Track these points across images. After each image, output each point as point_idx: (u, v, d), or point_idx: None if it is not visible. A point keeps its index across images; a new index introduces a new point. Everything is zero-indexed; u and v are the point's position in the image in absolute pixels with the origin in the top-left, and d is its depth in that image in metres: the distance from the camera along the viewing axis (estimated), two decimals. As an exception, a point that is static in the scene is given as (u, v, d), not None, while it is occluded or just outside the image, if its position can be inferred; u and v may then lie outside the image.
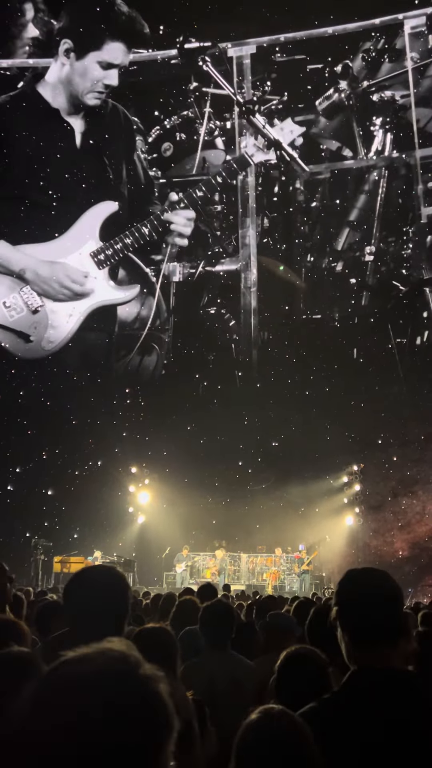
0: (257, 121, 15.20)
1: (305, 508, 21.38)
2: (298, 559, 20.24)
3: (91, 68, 14.94)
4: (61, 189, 15.59)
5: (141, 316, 17.14)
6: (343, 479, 21.36)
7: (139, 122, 17.78)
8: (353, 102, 17.23)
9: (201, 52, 14.45)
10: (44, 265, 15.21)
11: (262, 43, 17.04)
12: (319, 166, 17.89)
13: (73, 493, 18.87)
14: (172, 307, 17.88)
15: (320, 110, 17.46)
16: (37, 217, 15.52)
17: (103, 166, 15.80)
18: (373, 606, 1.79)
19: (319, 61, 17.28)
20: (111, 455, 19.15)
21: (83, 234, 15.35)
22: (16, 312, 15.33)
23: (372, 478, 20.44)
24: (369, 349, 18.16)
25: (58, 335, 15.50)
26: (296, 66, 17.25)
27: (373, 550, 20.26)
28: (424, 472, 19.52)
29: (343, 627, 1.82)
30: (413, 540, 19.82)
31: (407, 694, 1.73)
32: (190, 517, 20.89)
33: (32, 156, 15.35)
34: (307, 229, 18.17)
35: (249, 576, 20.86)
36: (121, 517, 21.36)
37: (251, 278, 17.31)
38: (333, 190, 18.00)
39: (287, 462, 19.44)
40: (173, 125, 17.72)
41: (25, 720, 0.91)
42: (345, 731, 1.68)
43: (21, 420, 17.55)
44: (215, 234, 17.82)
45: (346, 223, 17.99)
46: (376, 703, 1.70)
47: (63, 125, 15.43)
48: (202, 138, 17.27)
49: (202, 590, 5.97)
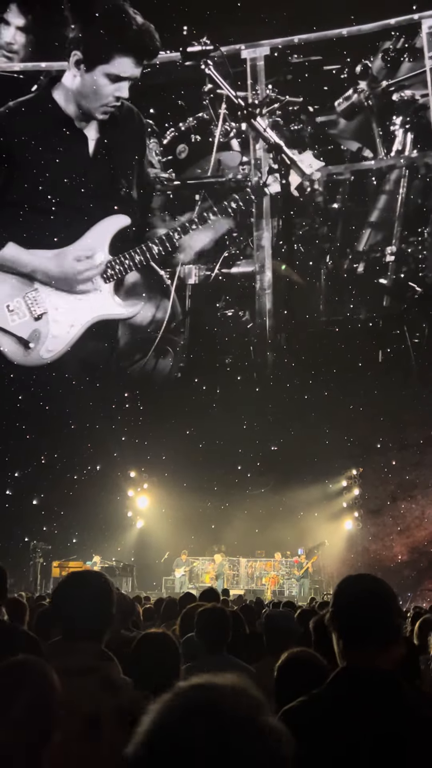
0: (258, 124, 15.24)
1: (304, 513, 21.37)
2: (297, 564, 20.22)
3: (100, 82, 15.00)
4: (72, 197, 15.61)
5: (156, 319, 17.17)
6: (342, 483, 21.35)
7: (154, 124, 17.79)
8: (373, 102, 17.15)
9: (203, 56, 14.50)
10: (51, 262, 15.29)
11: (276, 45, 16.97)
12: (338, 167, 17.87)
13: (71, 498, 18.85)
14: (188, 310, 17.91)
15: (339, 111, 17.38)
16: (46, 223, 15.58)
17: (114, 174, 15.82)
18: (363, 609, 1.85)
19: (336, 62, 17.19)
20: (110, 459, 19.14)
21: (93, 246, 15.41)
22: (18, 317, 15.37)
23: (371, 483, 20.43)
24: (368, 353, 18.15)
25: (57, 345, 15.53)
26: (312, 67, 17.19)
27: (372, 554, 20.23)
28: (423, 476, 19.51)
29: (335, 628, 1.89)
30: (412, 544, 19.80)
31: (387, 693, 1.77)
32: (189, 522, 20.87)
33: (45, 163, 15.39)
34: (326, 231, 18.13)
35: (248, 581, 20.84)
36: (120, 522, 21.34)
37: (266, 280, 17.30)
38: (353, 191, 17.94)
39: (286, 466, 19.43)
40: (188, 127, 17.65)
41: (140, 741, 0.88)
42: (327, 726, 1.74)
43: (20, 424, 17.54)
44: (231, 236, 17.85)
45: (366, 224, 17.93)
46: (356, 700, 1.75)
47: (76, 133, 15.45)
48: (218, 140, 17.25)
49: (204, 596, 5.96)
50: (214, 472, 19.42)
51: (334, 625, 1.89)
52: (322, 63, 17.21)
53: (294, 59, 17.18)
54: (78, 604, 2.20)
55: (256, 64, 16.95)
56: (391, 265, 17.50)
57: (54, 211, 15.61)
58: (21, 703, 1.61)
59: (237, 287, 17.93)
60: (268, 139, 15.14)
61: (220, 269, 17.71)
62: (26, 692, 1.65)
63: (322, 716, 1.76)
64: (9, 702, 1.61)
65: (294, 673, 2.48)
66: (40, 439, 17.85)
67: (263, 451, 19.80)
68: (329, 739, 1.71)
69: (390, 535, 20.22)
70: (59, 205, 15.68)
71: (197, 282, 17.75)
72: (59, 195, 15.73)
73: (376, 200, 17.82)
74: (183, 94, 17.32)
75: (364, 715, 1.72)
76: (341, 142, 17.89)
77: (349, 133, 17.78)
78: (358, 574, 2.02)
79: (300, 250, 18.11)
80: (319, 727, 1.73)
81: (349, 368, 18.12)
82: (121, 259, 15.26)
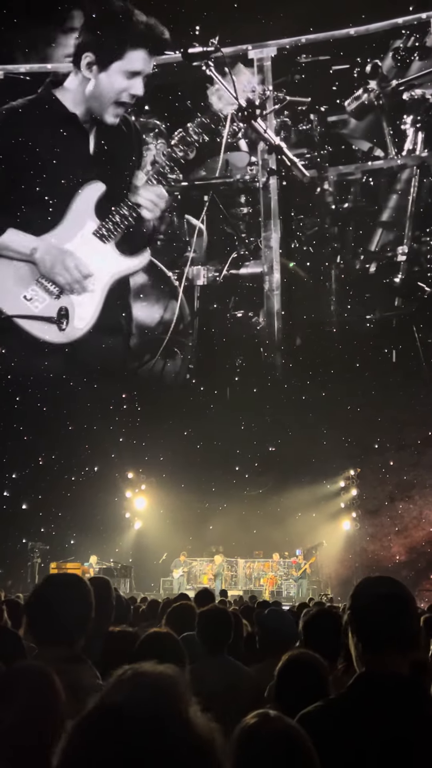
0: (258, 125, 15.25)
1: (302, 513, 21.36)
2: (295, 564, 20.21)
3: (115, 79, 15.06)
4: (72, 192, 15.69)
5: (164, 320, 17.16)
6: (340, 484, 21.35)
7: (161, 125, 17.78)
8: (383, 102, 17.08)
9: (204, 57, 14.52)
10: (54, 248, 15.41)
11: (283, 45, 16.91)
12: (349, 167, 17.84)
13: (69, 499, 18.83)
14: (197, 311, 17.88)
15: (349, 111, 17.34)
16: (49, 219, 15.62)
17: (114, 171, 15.88)
18: (384, 613, 1.81)
19: (345, 62, 17.14)
20: (108, 461, 19.12)
21: (80, 216, 15.55)
22: (39, 302, 15.53)
23: (369, 483, 20.44)
24: (365, 354, 18.16)
25: (86, 314, 15.72)
26: (320, 67, 17.12)
27: (370, 554, 20.24)
28: (421, 477, 19.52)
29: (354, 632, 1.84)
30: (410, 544, 19.81)
31: (408, 700, 1.74)
32: (186, 523, 20.85)
33: (43, 162, 15.47)
34: (337, 231, 18.07)
35: (246, 581, 20.82)
36: (118, 523, 21.31)
37: (274, 281, 17.26)
38: (365, 191, 17.89)
39: (284, 467, 19.42)
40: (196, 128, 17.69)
41: None
42: (345, 732, 1.70)
43: (17, 426, 17.52)
44: (241, 236, 17.80)
45: (379, 224, 17.90)
46: (377, 707, 1.71)
47: (78, 130, 15.53)
48: (225, 140, 17.23)
49: (199, 596, 5.94)
50: (212, 473, 19.41)
51: (353, 627, 1.84)
52: (330, 63, 17.13)
53: (303, 59, 17.09)
54: (45, 608, 2.19)
55: (263, 65, 16.88)
56: (403, 265, 17.45)
57: (53, 207, 15.66)
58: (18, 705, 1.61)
59: (246, 288, 17.90)
60: (268, 140, 15.16)
61: (228, 270, 17.68)
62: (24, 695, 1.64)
63: (341, 722, 1.72)
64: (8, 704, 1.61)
65: (294, 676, 2.46)
66: (37, 440, 17.83)
67: (261, 452, 19.79)
68: (348, 744, 1.67)
69: (388, 536, 20.23)
70: (58, 202, 15.73)
71: (206, 283, 17.72)
72: (58, 192, 15.76)
73: (388, 200, 17.77)
74: (191, 94, 17.26)
75: (384, 722, 1.69)
76: (352, 142, 17.84)
77: (359, 132, 17.71)
78: (378, 576, 1.97)
79: (309, 251, 18.06)
80: (338, 733, 1.70)
81: (347, 369, 18.13)
82: (109, 217, 15.38)
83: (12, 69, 17.28)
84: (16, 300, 15.61)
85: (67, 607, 2.17)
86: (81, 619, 2.19)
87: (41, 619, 2.20)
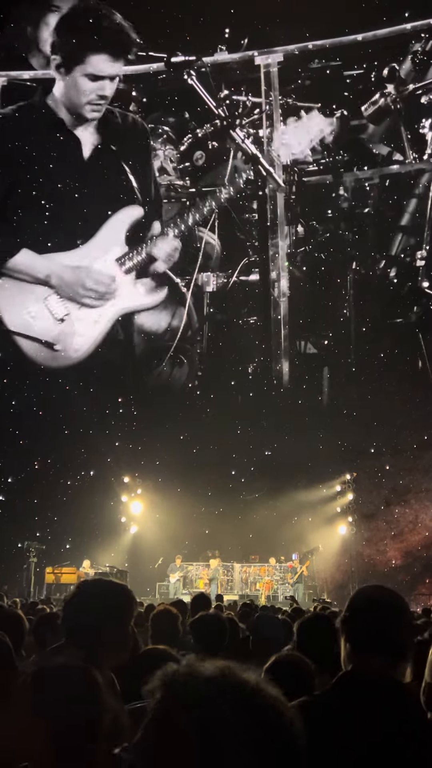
0: (236, 135, 15.24)
1: (298, 518, 21.37)
2: (291, 569, 20.20)
3: (80, 82, 14.91)
4: (76, 199, 15.53)
5: (172, 327, 17.08)
6: (336, 488, 21.36)
7: (170, 131, 17.73)
8: (401, 106, 16.99)
9: (187, 66, 14.52)
10: (68, 270, 15.19)
11: (291, 51, 16.79)
12: (365, 172, 17.81)
13: (65, 503, 18.81)
14: (206, 317, 17.84)
15: (366, 116, 17.29)
16: (57, 226, 15.48)
17: (117, 176, 15.73)
18: (374, 618, 1.87)
19: (356, 66, 17.09)
20: (104, 465, 19.10)
21: (108, 240, 15.34)
22: (41, 322, 15.30)
23: (365, 487, 20.46)
24: (361, 358, 18.19)
25: (84, 343, 15.45)
26: (331, 72, 17.07)
27: (366, 559, 20.25)
28: (417, 481, 19.55)
29: (345, 632, 1.91)
30: (406, 549, 19.83)
31: (390, 700, 1.77)
32: (183, 527, 20.82)
33: (39, 167, 15.33)
34: (351, 237, 18.01)
35: (242, 586, 20.80)
36: (114, 527, 21.28)
37: (282, 287, 17.23)
38: (383, 195, 17.83)
39: (280, 471, 19.42)
40: (205, 133, 17.58)
41: None
42: (322, 729, 1.72)
43: (13, 430, 17.50)
44: (253, 243, 17.77)
45: (398, 228, 17.83)
46: (357, 705, 1.75)
47: (68, 136, 15.41)
48: (234, 146, 17.20)
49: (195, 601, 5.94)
50: (208, 477, 19.40)
51: (344, 628, 1.91)
52: (341, 68, 17.07)
53: (314, 65, 17.01)
54: (68, 611, 2.31)
55: (269, 71, 16.79)
56: (422, 270, 17.39)
57: (55, 215, 15.53)
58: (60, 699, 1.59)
59: (255, 295, 17.85)
60: (246, 150, 15.17)
61: (238, 277, 17.64)
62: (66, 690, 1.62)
63: (320, 719, 1.74)
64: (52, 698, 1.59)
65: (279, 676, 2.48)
66: (33, 444, 17.81)
67: (257, 456, 19.80)
68: (326, 742, 1.68)
69: (384, 540, 20.24)
70: (57, 208, 15.59)
71: (215, 290, 17.67)
72: (55, 199, 15.67)
73: (407, 204, 17.72)
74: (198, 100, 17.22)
75: (362, 720, 1.71)
76: (371, 146, 17.81)
77: (377, 137, 17.67)
78: (376, 585, 2.07)
79: (321, 257, 18.02)
80: (316, 730, 1.72)
81: (345, 372, 18.16)
82: (137, 249, 15.17)
83: (15, 75, 17.30)
84: (19, 313, 15.46)
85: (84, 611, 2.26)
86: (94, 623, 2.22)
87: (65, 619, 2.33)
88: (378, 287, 17.94)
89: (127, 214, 15.42)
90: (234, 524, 20.72)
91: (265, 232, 17.22)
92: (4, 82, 17.28)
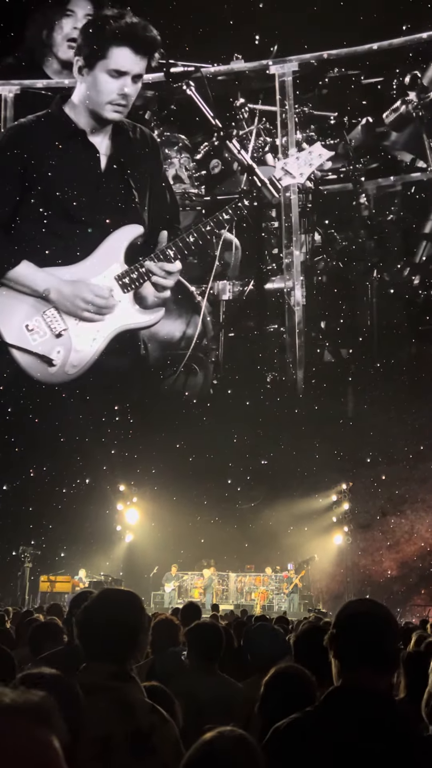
0: (232, 146, 15.25)
1: (294, 527, 21.32)
2: (286, 579, 20.14)
3: (101, 79, 14.65)
4: (84, 212, 15.38)
5: (187, 336, 17.03)
6: (331, 498, 21.33)
7: (186, 139, 17.68)
8: (423, 113, 16.94)
9: (186, 77, 14.49)
10: (67, 284, 15.06)
11: (306, 60, 16.75)
12: (388, 180, 17.79)
13: (60, 511, 18.73)
14: (222, 326, 17.80)
15: (387, 123, 17.25)
16: (60, 240, 15.32)
17: (126, 189, 15.62)
18: (361, 632, 1.89)
19: (376, 75, 17.10)
20: (99, 473, 19.05)
21: (108, 257, 15.20)
22: (39, 336, 15.11)
23: (361, 497, 20.43)
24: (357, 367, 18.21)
25: (81, 359, 15.26)
26: (349, 81, 17.05)
27: (362, 569, 20.21)
28: (413, 491, 19.53)
29: (333, 648, 1.92)
30: (402, 559, 19.79)
31: (379, 714, 1.78)
32: (178, 536, 20.77)
33: (56, 178, 15.16)
34: (373, 245, 17.97)
35: (237, 596, 20.72)
36: (109, 536, 21.21)
37: (298, 296, 17.20)
38: (405, 203, 17.83)
39: (276, 480, 19.40)
40: (220, 143, 17.62)
41: None
42: (313, 744, 1.76)
43: (8, 437, 17.44)
44: (271, 251, 17.72)
45: (422, 236, 17.85)
46: (346, 719, 1.77)
47: (88, 147, 15.24)
48: (251, 154, 17.10)
49: (185, 610, 5.89)
50: (204, 486, 19.36)
51: (332, 645, 1.92)
52: (359, 76, 17.08)
53: (332, 74, 17.00)
54: (91, 625, 2.18)
55: (284, 81, 16.76)
56: None
57: (65, 228, 15.38)
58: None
59: (271, 304, 17.82)
60: (241, 161, 15.16)
61: (255, 285, 17.61)
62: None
63: (310, 734, 1.77)
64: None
65: (280, 689, 2.46)
66: (28, 452, 17.75)
67: (253, 466, 19.77)
68: (317, 757, 1.72)
69: (379, 550, 20.20)
70: (69, 221, 15.42)
71: (231, 298, 17.62)
72: (69, 211, 15.50)
73: (431, 212, 17.76)
74: (215, 108, 17.20)
75: (353, 734, 1.72)
76: (394, 154, 17.85)
77: (400, 144, 17.68)
78: (361, 598, 2.10)
79: (339, 266, 18.01)
80: (307, 745, 1.75)
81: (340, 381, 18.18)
82: (136, 266, 15.10)
83: (29, 84, 17.26)
84: (19, 326, 15.37)
85: (115, 624, 2.15)
86: (128, 637, 2.17)
87: (90, 636, 2.18)
88: (400, 295, 17.94)
89: (127, 232, 15.34)
90: (230, 533, 20.67)
91: (280, 240, 17.24)
92: (17, 91, 17.26)
